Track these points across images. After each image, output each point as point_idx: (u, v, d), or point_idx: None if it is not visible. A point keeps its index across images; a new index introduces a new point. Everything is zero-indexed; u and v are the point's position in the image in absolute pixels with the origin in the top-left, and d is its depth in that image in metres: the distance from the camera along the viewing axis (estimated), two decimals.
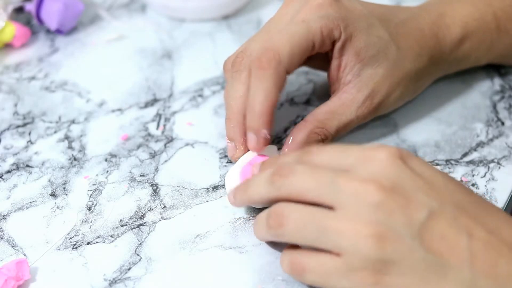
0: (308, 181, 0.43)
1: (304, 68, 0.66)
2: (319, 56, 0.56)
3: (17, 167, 0.57)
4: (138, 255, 0.50)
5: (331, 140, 0.54)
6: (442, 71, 0.60)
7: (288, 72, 0.52)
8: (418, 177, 0.41)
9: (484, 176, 0.55)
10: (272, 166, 0.46)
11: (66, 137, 0.60)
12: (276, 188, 0.44)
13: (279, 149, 0.55)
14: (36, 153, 0.59)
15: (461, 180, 0.55)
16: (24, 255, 0.50)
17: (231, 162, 0.57)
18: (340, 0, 0.53)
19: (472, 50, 0.59)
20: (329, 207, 0.42)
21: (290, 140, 0.53)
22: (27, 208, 0.54)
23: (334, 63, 0.54)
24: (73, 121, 0.62)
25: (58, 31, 0.71)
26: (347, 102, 0.54)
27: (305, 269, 0.43)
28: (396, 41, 0.55)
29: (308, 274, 0.43)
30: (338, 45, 0.53)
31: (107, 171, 0.57)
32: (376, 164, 0.41)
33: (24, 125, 0.61)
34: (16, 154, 0.59)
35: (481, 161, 0.57)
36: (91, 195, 0.55)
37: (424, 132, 0.59)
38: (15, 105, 0.63)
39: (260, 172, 0.48)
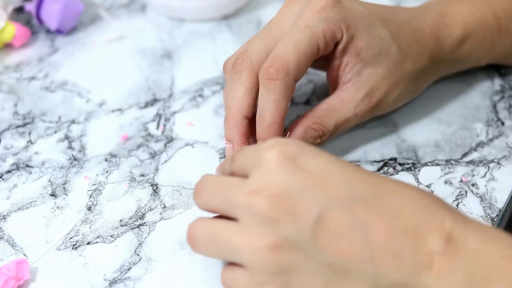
0: (213, 198, 0.43)
1: None
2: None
3: (17, 167, 0.57)
4: (138, 255, 0.50)
5: (329, 137, 0.54)
6: (442, 71, 0.60)
7: (296, 80, 0.52)
8: (306, 176, 0.40)
9: (484, 176, 0.55)
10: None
11: (66, 137, 0.60)
12: (198, 204, 0.45)
13: None
14: (36, 153, 0.59)
15: (461, 180, 0.55)
16: (24, 255, 0.50)
17: None
18: (341, 2, 0.53)
19: (473, 50, 0.59)
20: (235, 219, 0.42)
21: (288, 135, 0.53)
22: (27, 208, 0.54)
23: (335, 63, 0.54)
24: (73, 121, 0.62)
25: (58, 31, 0.71)
26: (345, 99, 0.54)
27: (228, 285, 0.44)
28: (397, 41, 0.55)
29: None
30: (340, 46, 0.53)
31: (107, 171, 0.57)
32: (264, 169, 0.41)
33: (24, 125, 0.61)
34: (16, 154, 0.59)
35: (481, 161, 0.57)
36: (91, 195, 0.55)
37: (424, 132, 0.59)
38: (15, 105, 0.63)
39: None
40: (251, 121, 0.54)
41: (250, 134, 0.54)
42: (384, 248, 0.38)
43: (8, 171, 0.57)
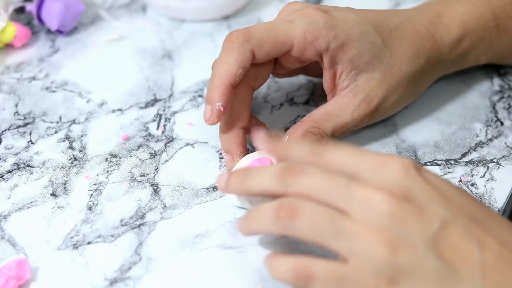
0: (321, 182, 0.42)
1: None
2: (316, 64, 0.56)
3: (18, 167, 0.58)
4: (138, 254, 0.50)
5: (328, 139, 0.55)
6: (441, 71, 0.60)
7: (256, 56, 0.52)
8: (432, 188, 0.41)
9: (484, 176, 0.56)
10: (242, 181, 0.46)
11: (67, 137, 0.60)
12: (285, 184, 0.43)
13: None
14: (36, 153, 0.59)
15: (461, 180, 0.55)
16: (25, 254, 0.50)
17: None
18: (329, 12, 0.54)
19: (472, 48, 0.59)
20: (341, 211, 0.41)
21: (286, 139, 0.53)
22: (28, 208, 0.54)
23: (327, 74, 0.55)
24: (73, 121, 0.62)
25: (59, 32, 0.71)
26: (343, 105, 0.55)
27: (313, 276, 0.41)
28: (390, 46, 0.55)
29: (316, 283, 0.41)
30: (328, 55, 0.53)
31: (108, 171, 0.57)
32: (390, 173, 0.41)
33: (25, 125, 0.62)
34: (17, 154, 0.59)
35: (480, 161, 0.57)
36: (91, 195, 0.55)
37: (423, 132, 0.59)
38: (16, 105, 0.64)
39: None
40: (246, 130, 0.55)
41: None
42: (496, 267, 0.40)
43: (9, 171, 0.57)
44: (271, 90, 0.64)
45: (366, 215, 0.40)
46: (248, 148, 0.56)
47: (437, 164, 0.56)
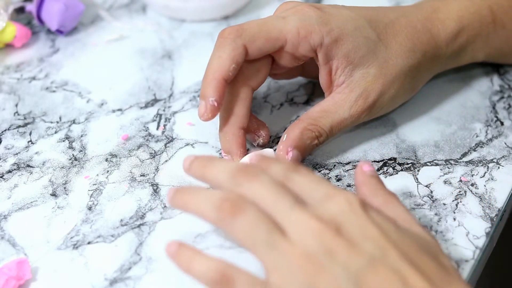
0: (269, 193, 0.42)
1: None
2: (313, 65, 0.56)
3: (18, 167, 0.58)
4: (138, 254, 0.50)
5: (326, 138, 0.55)
6: (439, 66, 0.60)
7: (249, 51, 0.52)
8: (371, 226, 0.41)
9: (484, 176, 0.56)
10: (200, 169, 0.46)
11: (67, 137, 0.60)
12: (236, 183, 0.43)
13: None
14: (36, 153, 0.59)
15: (461, 180, 0.55)
16: (25, 254, 0.50)
17: None
18: (323, 8, 0.54)
19: (469, 43, 0.59)
20: (277, 226, 0.41)
21: (284, 137, 0.54)
22: (28, 208, 0.54)
23: (323, 70, 0.55)
24: (73, 121, 0.62)
25: (59, 32, 0.71)
26: (340, 101, 0.54)
27: (234, 282, 0.41)
28: (385, 41, 0.55)
29: None
30: (322, 51, 0.53)
31: (108, 171, 0.57)
32: (334, 205, 0.41)
33: (25, 125, 0.62)
34: (17, 154, 0.59)
35: (480, 161, 0.57)
36: (91, 195, 0.55)
37: (423, 132, 0.59)
38: (16, 105, 0.64)
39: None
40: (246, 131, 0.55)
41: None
42: None
43: (9, 171, 0.57)
44: (271, 90, 0.64)
45: (299, 238, 0.40)
46: (248, 148, 0.56)
47: (437, 164, 0.56)
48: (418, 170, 0.56)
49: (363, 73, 0.54)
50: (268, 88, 0.64)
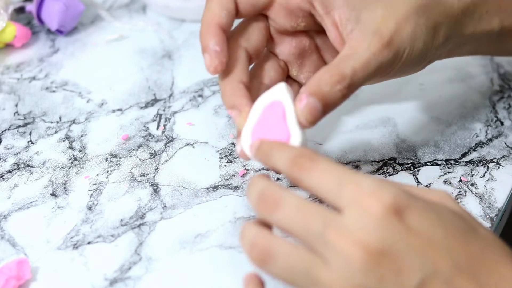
0: (296, 220, 0.39)
1: None
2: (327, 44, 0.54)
3: (18, 167, 0.58)
4: (138, 254, 0.50)
5: (352, 84, 0.48)
6: (453, 22, 0.53)
7: (239, 5, 0.50)
8: (413, 236, 0.38)
9: (484, 176, 0.56)
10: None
11: (67, 137, 0.60)
12: (261, 215, 0.41)
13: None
14: (36, 153, 0.59)
15: (461, 180, 0.55)
16: (25, 254, 0.50)
17: (231, 162, 0.57)
18: None
19: (481, 1, 0.54)
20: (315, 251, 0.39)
21: (306, 87, 0.47)
22: (28, 208, 0.54)
23: (327, 22, 0.51)
24: (73, 121, 0.62)
25: (59, 32, 0.71)
26: (356, 43, 0.49)
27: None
28: None
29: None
30: (319, 2, 0.50)
31: (108, 171, 0.57)
32: (369, 219, 0.38)
33: (25, 125, 0.62)
34: (17, 154, 0.59)
35: (480, 161, 0.57)
36: (91, 194, 0.55)
37: (423, 132, 0.59)
38: (16, 105, 0.64)
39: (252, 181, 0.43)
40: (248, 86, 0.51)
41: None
42: None
43: (9, 171, 0.57)
44: None
45: (342, 269, 0.38)
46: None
47: (437, 164, 0.56)
48: (418, 170, 0.56)
49: (370, 16, 0.50)
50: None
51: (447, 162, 0.57)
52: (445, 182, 0.55)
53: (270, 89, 0.47)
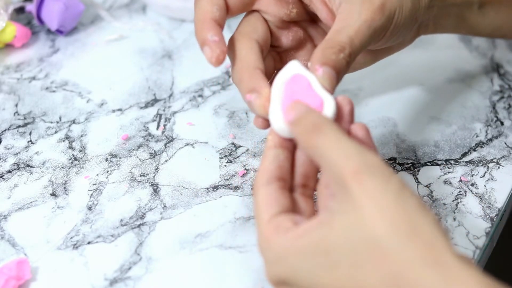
0: None
1: None
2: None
3: (17, 167, 0.58)
4: (138, 254, 0.50)
5: (352, 52, 0.48)
6: None
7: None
8: None
9: (484, 176, 0.56)
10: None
11: (67, 137, 0.60)
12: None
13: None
14: (36, 153, 0.59)
15: (461, 180, 0.55)
16: (25, 254, 0.50)
17: (231, 162, 0.57)
18: None
19: None
20: None
21: (314, 59, 0.47)
22: (28, 208, 0.54)
23: (319, 7, 0.51)
24: (73, 121, 0.62)
25: (59, 32, 0.71)
26: (346, 15, 0.49)
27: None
28: None
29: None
30: None
31: (108, 171, 0.57)
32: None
33: (25, 125, 0.62)
34: (16, 154, 0.59)
35: (480, 161, 0.57)
36: (91, 195, 0.55)
37: (423, 132, 0.59)
38: (16, 105, 0.64)
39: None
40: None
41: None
42: None
43: (9, 171, 0.57)
44: None
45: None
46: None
47: (437, 164, 0.56)
48: (418, 170, 0.56)
49: None
50: None
51: (447, 162, 0.57)
52: (445, 182, 0.55)
53: (284, 67, 0.47)
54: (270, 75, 0.52)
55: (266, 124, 0.48)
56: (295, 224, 0.40)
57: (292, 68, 0.46)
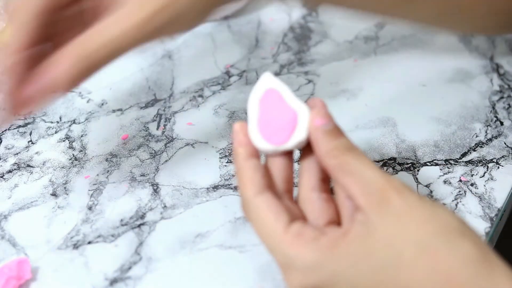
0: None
1: (304, 68, 0.66)
2: None
3: (18, 167, 0.58)
4: (138, 254, 0.50)
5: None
6: None
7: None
8: None
9: (483, 176, 0.56)
10: None
11: (67, 137, 0.60)
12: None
13: None
14: (37, 153, 0.59)
15: (460, 180, 0.55)
16: (25, 254, 0.50)
17: (231, 162, 0.57)
18: None
19: None
20: None
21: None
22: (28, 207, 0.54)
23: None
24: (73, 121, 0.62)
25: None
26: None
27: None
28: None
29: None
30: None
31: (108, 171, 0.57)
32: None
33: (25, 125, 0.62)
34: (17, 154, 0.59)
35: (480, 161, 0.57)
36: (92, 194, 0.55)
37: (423, 132, 0.59)
38: None
39: None
40: None
41: None
42: None
43: (9, 171, 0.57)
44: None
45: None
46: None
47: (436, 164, 0.56)
48: (418, 170, 0.56)
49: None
50: None
51: (446, 162, 0.57)
52: (444, 182, 0.55)
53: (258, 82, 0.46)
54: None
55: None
56: (320, 232, 0.40)
57: (265, 82, 0.46)
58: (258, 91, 0.46)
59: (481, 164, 0.57)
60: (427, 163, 0.57)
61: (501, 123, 0.60)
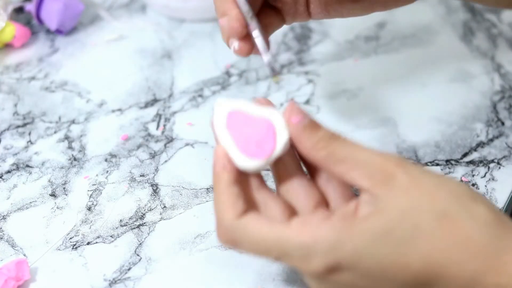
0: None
1: (304, 68, 0.66)
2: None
3: (17, 167, 0.57)
4: (138, 255, 0.50)
5: None
6: None
7: None
8: None
9: (484, 176, 0.55)
10: None
11: (66, 137, 0.60)
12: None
13: None
14: (36, 153, 0.59)
15: (461, 180, 0.55)
16: (24, 255, 0.50)
17: None
18: None
19: None
20: None
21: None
22: (27, 208, 0.54)
23: None
24: (73, 121, 0.62)
25: (58, 31, 0.71)
26: None
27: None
28: None
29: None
30: None
31: (107, 171, 0.57)
32: (305, 275, 0.40)
33: (24, 125, 0.61)
34: (16, 154, 0.59)
35: (481, 161, 0.57)
36: (91, 195, 0.55)
37: (424, 132, 0.59)
38: (15, 105, 0.63)
39: None
40: None
41: None
42: None
43: (8, 171, 0.57)
44: (271, 90, 0.64)
45: None
46: None
47: (437, 164, 0.56)
48: None
49: None
50: (268, 88, 0.64)
51: (447, 162, 0.57)
52: None
53: (213, 113, 0.45)
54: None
55: (245, 48, 0.47)
56: (324, 214, 0.40)
57: (222, 109, 0.45)
58: (220, 119, 0.44)
59: (482, 164, 0.56)
60: (428, 163, 0.56)
61: (502, 123, 0.60)
